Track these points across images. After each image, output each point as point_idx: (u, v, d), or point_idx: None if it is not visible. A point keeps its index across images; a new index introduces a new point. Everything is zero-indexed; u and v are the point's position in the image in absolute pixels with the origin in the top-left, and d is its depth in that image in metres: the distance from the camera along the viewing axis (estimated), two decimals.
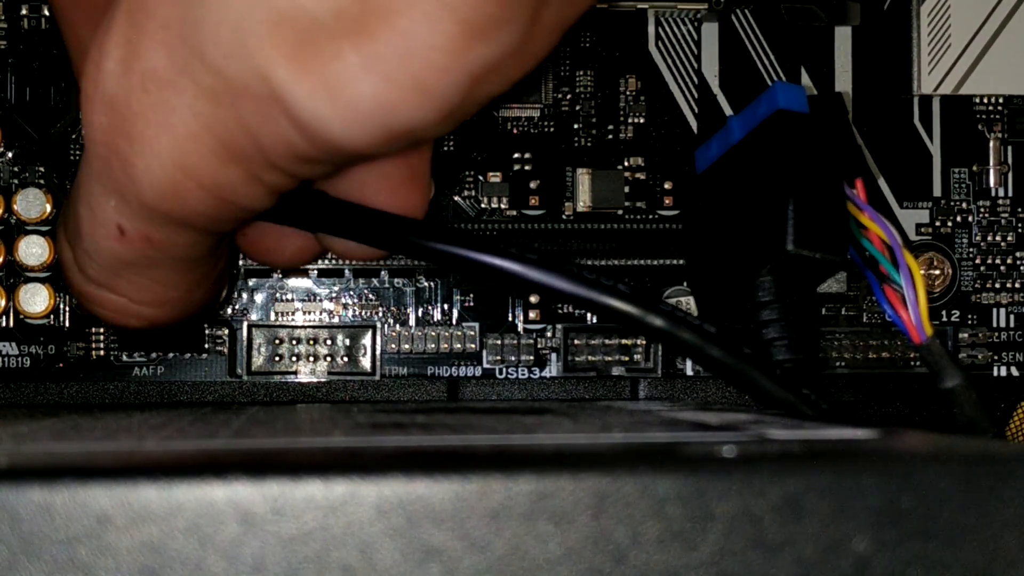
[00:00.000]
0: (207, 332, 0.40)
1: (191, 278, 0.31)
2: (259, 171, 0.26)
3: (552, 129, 0.41)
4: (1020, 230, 0.42)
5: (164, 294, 0.31)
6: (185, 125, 0.25)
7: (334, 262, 0.40)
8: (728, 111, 0.41)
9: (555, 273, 0.29)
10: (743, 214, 0.36)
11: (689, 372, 0.41)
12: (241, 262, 0.40)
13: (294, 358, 0.40)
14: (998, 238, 0.41)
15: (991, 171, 0.41)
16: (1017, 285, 0.41)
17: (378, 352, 0.40)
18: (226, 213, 0.27)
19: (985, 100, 0.41)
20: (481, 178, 0.41)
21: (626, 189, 0.41)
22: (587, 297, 0.29)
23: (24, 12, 0.40)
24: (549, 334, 0.41)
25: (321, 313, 0.40)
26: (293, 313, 0.40)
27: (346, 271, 0.40)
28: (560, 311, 0.41)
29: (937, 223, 0.41)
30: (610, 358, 0.40)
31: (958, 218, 0.41)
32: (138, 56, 0.25)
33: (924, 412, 0.40)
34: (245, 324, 0.40)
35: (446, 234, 0.30)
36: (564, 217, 0.41)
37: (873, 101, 0.41)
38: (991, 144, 0.41)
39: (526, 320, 0.41)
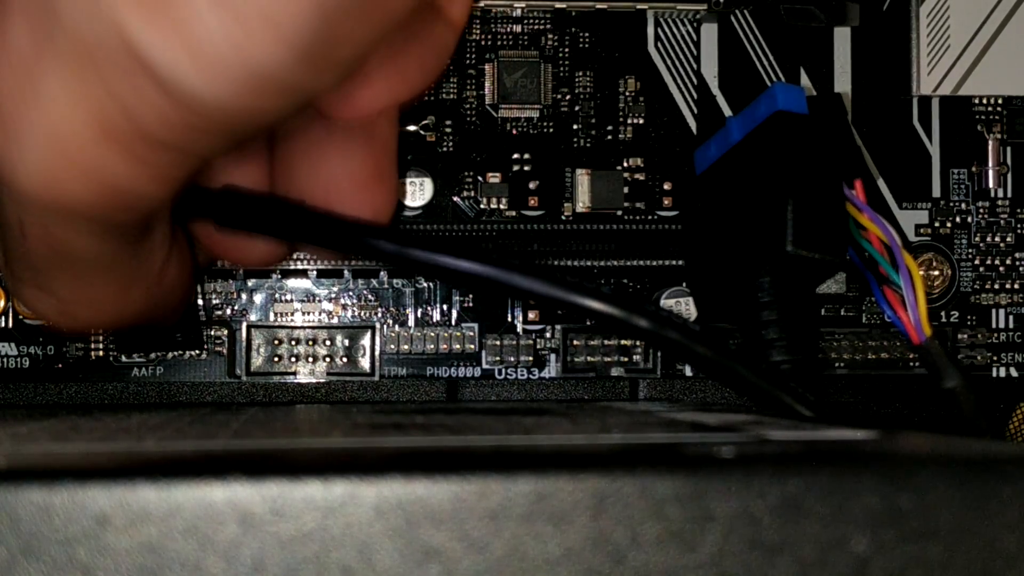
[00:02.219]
0: (205, 332, 0.40)
1: (118, 278, 0.29)
2: (140, 151, 0.24)
3: (551, 130, 0.41)
4: (1019, 231, 0.42)
5: (94, 295, 0.29)
6: (54, 102, 0.24)
7: (333, 263, 0.40)
8: (727, 112, 0.41)
9: (537, 278, 0.29)
10: (742, 215, 0.36)
11: (688, 373, 0.41)
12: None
13: (293, 359, 0.40)
14: (997, 239, 0.41)
15: (990, 172, 0.41)
16: (1016, 286, 0.41)
17: (377, 353, 0.40)
18: (118, 204, 0.25)
19: (984, 101, 0.41)
20: (480, 179, 0.41)
21: (625, 190, 0.41)
22: (570, 300, 0.29)
23: None
24: (548, 335, 0.41)
25: (320, 314, 0.40)
26: (292, 314, 0.40)
27: (345, 272, 0.40)
28: (560, 312, 0.41)
29: (936, 224, 0.41)
30: (609, 359, 0.40)
31: (957, 219, 0.41)
32: (3, 34, 0.24)
33: (923, 413, 0.40)
34: (244, 325, 0.40)
35: (425, 242, 0.30)
36: (563, 218, 0.41)
37: (872, 102, 0.41)
38: (990, 145, 0.41)
39: (525, 321, 0.41)
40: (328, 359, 0.40)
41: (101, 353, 0.40)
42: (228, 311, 0.40)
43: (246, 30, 0.22)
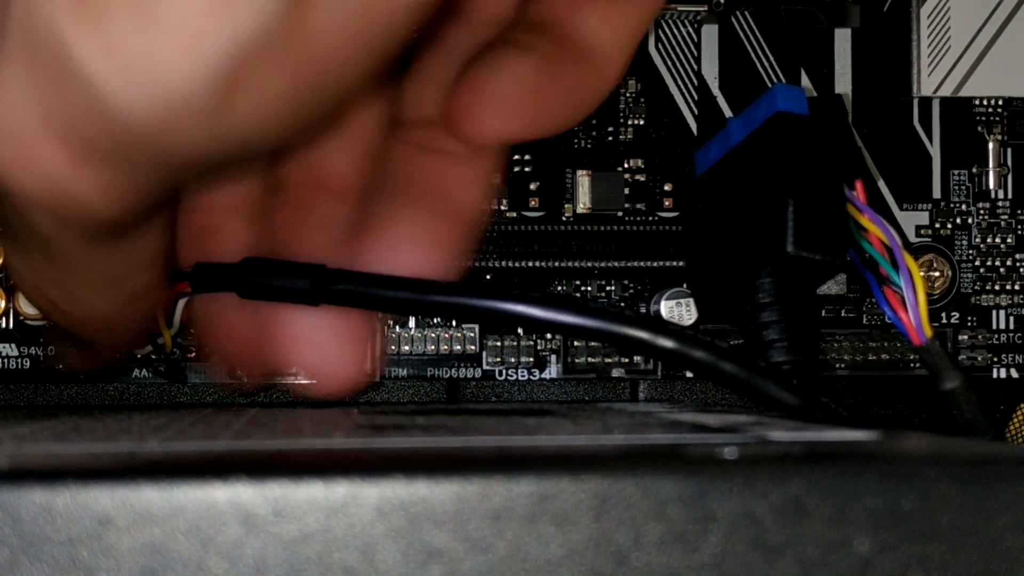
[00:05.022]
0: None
1: (91, 275, 0.29)
2: (79, 152, 0.24)
3: None
4: (1020, 232, 0.42)
5: (55, 279, 0.29)
6: (6, 90, 0.24)
7: None
8: (728, 113, 0.41)
9: (561, 309, 0.29)
10: (743, 216, 0.36)
11: (689, 374, 0.41)
12: None
13: None
14: (997, 240, 0.41)
15: (991, 173, 0.41)
16: (1017, 287, 0.41)
17: (378, 354, 0.40)
18: (63, 202, 0.25)
19: (985, 102, 0.41)
20: None
21: (626, 191, 0.41)
22: (596, 328, 0.29)
23: None
24: (549, 335, 0.41)
25: None
26: None
27: None
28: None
29: (937, 225, 0.41)
30: (610, 359, 0.40)
31: (958, 220, 0.41)
32: None
33: (924, 414, 0.40)
34: None
35: (451, 288, 0.30)
36: (564, 219, 0.41)
37: (873, 103, 0.41)
38: (991, 146, 0.41)
39: None
40: None
41: None
42: None
43: (159, 44, 0.22)
